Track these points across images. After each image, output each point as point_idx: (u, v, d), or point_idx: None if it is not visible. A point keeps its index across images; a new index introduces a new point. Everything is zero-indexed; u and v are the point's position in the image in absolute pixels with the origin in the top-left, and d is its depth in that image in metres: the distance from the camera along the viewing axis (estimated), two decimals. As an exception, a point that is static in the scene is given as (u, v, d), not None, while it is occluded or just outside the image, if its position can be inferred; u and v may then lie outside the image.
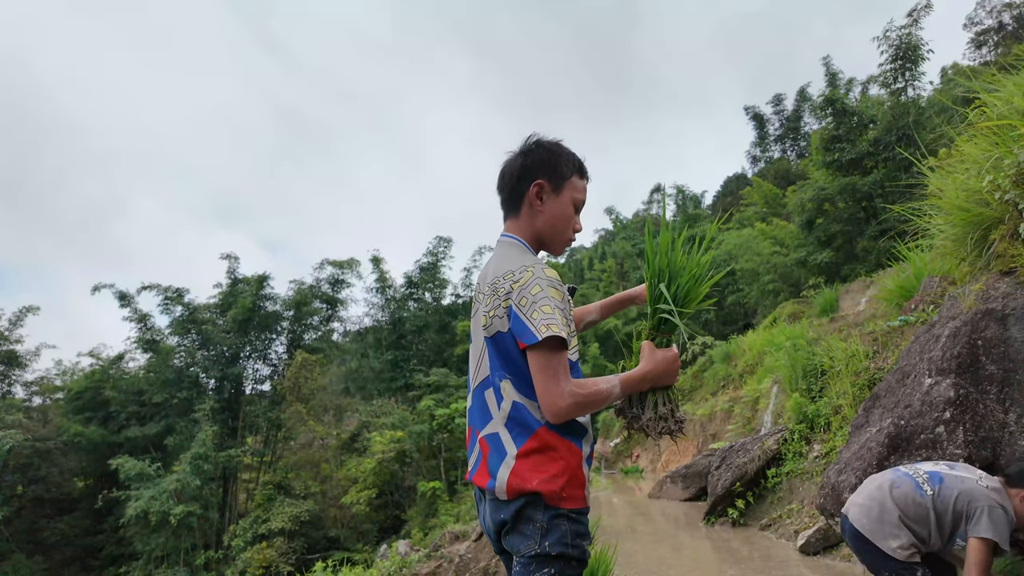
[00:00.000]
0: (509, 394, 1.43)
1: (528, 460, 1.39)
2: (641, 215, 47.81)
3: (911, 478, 2.52)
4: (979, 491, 2.41)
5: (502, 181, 1.62)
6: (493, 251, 1.63)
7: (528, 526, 1.36)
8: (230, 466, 22.27)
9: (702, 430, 11.11)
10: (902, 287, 7.12)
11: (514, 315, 1.40)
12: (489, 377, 1.48)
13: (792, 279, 19.68)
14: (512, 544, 1.40)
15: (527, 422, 1.42)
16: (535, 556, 1.34)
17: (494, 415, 1.46)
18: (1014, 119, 3.48)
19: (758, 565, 4.64)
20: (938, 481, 2.48)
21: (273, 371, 26.58)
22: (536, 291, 1.39)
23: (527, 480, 1.37)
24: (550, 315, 1.36)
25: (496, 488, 1.41)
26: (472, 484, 1.58)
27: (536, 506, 1.37)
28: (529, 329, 1.36)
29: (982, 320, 3.10)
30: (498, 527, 1.45)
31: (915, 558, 2.43)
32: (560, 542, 1.35)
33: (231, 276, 26.06)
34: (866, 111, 17.99)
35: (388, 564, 7.75)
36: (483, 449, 1.48)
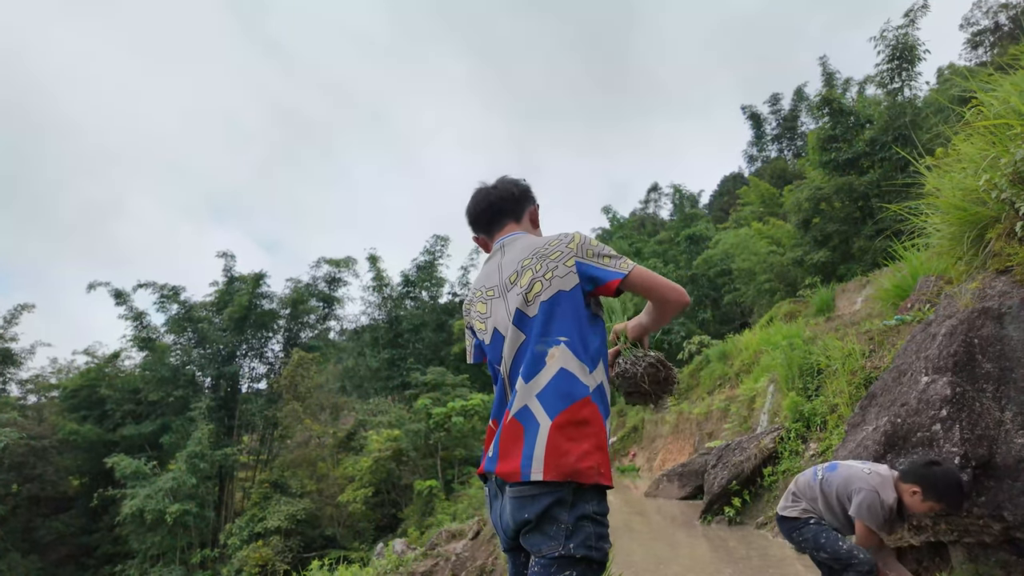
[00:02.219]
0: (558, 361, 1.44)
1: (564, 431, 1.39)
2: (638, 214, 47.83)
3: (814, 468, 2.99)
4: (860, 478, 2.71)
5: (507, 195, 1.79)
6: (503, 248, 1.72)
7: (552, 527, 1.36)
8: (226, 464, 22.23)
9: (698, 429, 11.12)
10: (898, 287, 7.14)
11: (587, 266, 1.54)
12: (527, 358, 1.47)
13: (789, 278, 19.73)
14: (533, 543, 1.39)
15: (572, 391, 1.42)
16: (559, 558, 1.34)
17: (520, 390, 1.46)
18: (1011, 118, 3.49)
19: (755, 564, 4.64)
20: (830, 469, 2.88)
21: (269, 369, 26.55)
22: (595, 243, 1.59)
23: (566, 454, 1.37)
24: (620, 256, 1.57)
25: (532, 470, 1.37)
26: (492, 476, 1.49)
27: (563, 505, 1.36)
28: (610, 270, 1.53)
29: (978, 318, 3.10)
30: (519, 526, 1.41)
31: (809, 515, 2.88)
32: (584, 544, 1.35)
33: (227, 274, 26.01)
34: (863, 111, 18.04)
35: (384, 563, 7.74)
36: (512, 429, 1.44)
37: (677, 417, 12.86)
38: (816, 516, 2.89)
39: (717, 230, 30.55)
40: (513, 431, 1.44)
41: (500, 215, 1.78)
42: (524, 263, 1.57)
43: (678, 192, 37.33)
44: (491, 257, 1.73)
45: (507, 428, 1.45)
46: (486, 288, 1.67)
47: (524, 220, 1.80)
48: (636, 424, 16.30)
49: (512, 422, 1.44)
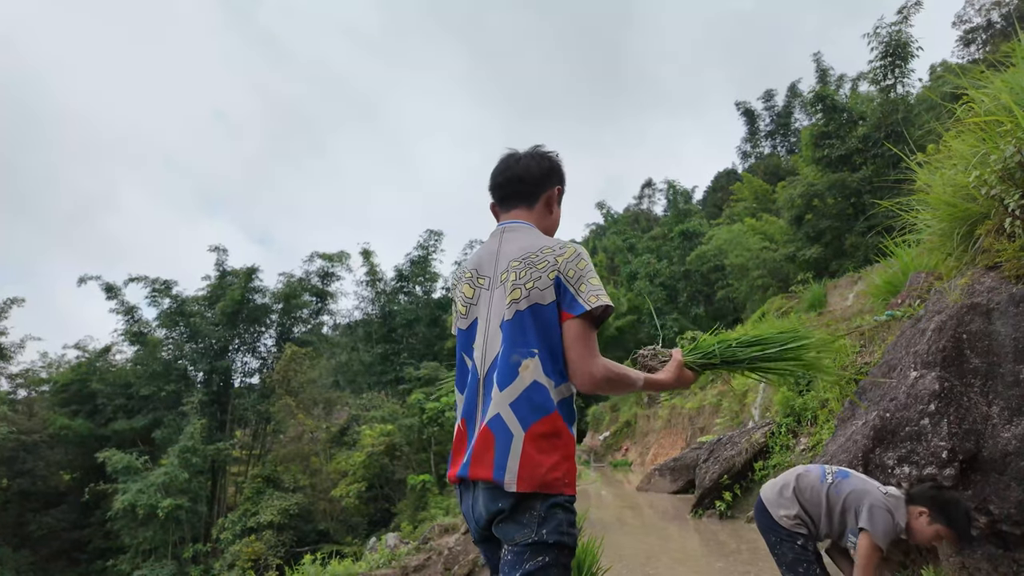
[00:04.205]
0: (531, 373, 1.44)
1: (536, 443, 1.41)
2: (633, 210, 47.89)
3: (822, 468, 2.82)
4: (872, 493, 2.63)
5: (523, 175, 1.68)
6: (503, 235, 1.66)
7: (525, 515, 1.39)
8: (219, 459, 22.19)
9: (690, 424, 11.18)
10: (889, 283, 7.18)
11: (562, 286, 1.47)
12: (501, 364, 1.47)
13: (781, 274, 19.81)
14: (506, 532, 1.41)
15: (544, 403, 1.43)
16: (531, 544, 1.37)
17: (494, 398, 1.46)
18: (1001, 115, 3.51)
19: (746, 558, 4.67)
20: (842, 476, 2.75)
21: (262, 364, 26.49)
22: (583, 265, 1.49)
23: (538, 466, 1.39)
24: (598, 287, 1.46)
25: (506, 480, 1.39)
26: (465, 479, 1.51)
27: (535, 496, 1.39)
28: (578, 301, 1.44)
29: (967, 314, 3.12)
30: (492, 516, 1.44)
31: (799, 529, 2.72)
32: (556, 530, 1.38)
33: (220, 268, 25.91)
34: (856, 108, 18.11)
35: (377, 556, 7.75)
36: (486, 438, 1.45)
37: (669, 412, 12.92)
38: (805, 531, 2.76)
39: (710, 226, 30.66)
40: (486, 440, 1.45)
41: (512, 196, 1.71)
42: (513, 264, 1.55)
43: (672, 188, 37.42)
44: (490, 240, 1.70)
45: (480, 436, 1.47)
46: (477, 274, 1.63)
47: (537, 205, 1.70)
48: (629, 419, 16.37)
49: (485, 430, 1.46)
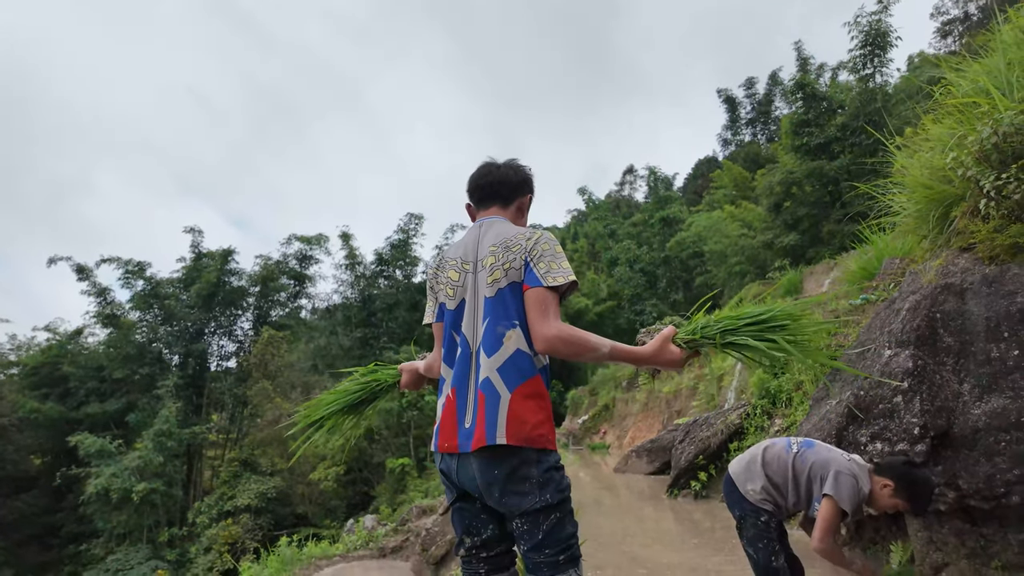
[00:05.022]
0: (513, 342, 1.61)
1: (522, 403, 1.57)
2: (614, 196, 48.00)
3: (787, 440, 2.88)
4: (838, 460, 2.70)
5: (503, 180, 1.90)
6: (482, 227, 1.84)
7: (524, 484, 1.54)
8: (194, 443, 21.94)
9: (668, 407, 11.29)
10: (864, 268, 7.27)
11: (528, 265, 1.66)
12: (487, 335, 1.64)
13: (759, 261, 20.02)
14: (510, 504, 1.56)
15: (527, 369, 1.60)
16: (541, 509, 1.54)
17: (483, 364, 1.61)
18: (979, 98, 3.53)
19: (720, 536, 4.73)
20: (807, 446, 2.82)
21: (239, 348, 26.16)
22: (547, 247, 1.68)
23: (524, 423, 1.55)
24: (559, 266, 1.64)
25: (496, 436, 1.53)
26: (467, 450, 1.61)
27: (528, 463, 1.55)
28: (536, 276, 1.63)
29: (941, 294, 3.16)
30: (487, 483, 1.57)
31: (765, 505, 2.77)
32: (557, 490, 1.57)
33: (195, 250, 25.43)
34: (835, 96, 18.26)
35: (355, 538, 7.72)
36: (480, 403, 1.59)
37: (647, 396, 13.04)
38: (771, 506, 2.80)
39: (690, 213, 30.85)
40: (481, 404, 1.60)
41: (490, 197, 1.91)
42: (492, 249, 1.72)
43: (653, 174, 37.48)
44: (469, 232, 1.87)
45: (479, 404, 1.60)
46: (462, 260, 1.78)
47: (511, 207, 1.92)
48: (607, 403, 16.51)
49: (479, 394, 1.61)
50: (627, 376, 16.72)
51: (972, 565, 2.99)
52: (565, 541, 1.57)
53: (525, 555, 1.59)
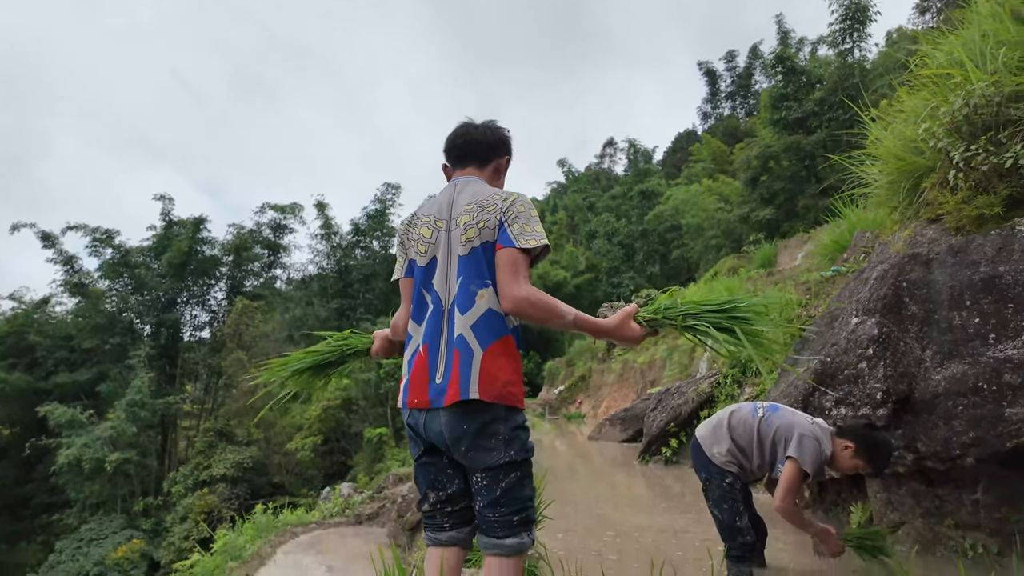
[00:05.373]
0: (486, 301, 1.60)
1: (494, 360, 1.57)
2: (594, 169, 47.85)
3: (753, 404, 2.95)
4: (802, 423, 2.76)
5: (480, 139, 1.88)
6: (457, 186, 1.82)
7: (491, 440, 1.56)
8: (168, 413, 21.73)
9: (641, 377, 11.46)
10: (836, 242, 7.38)
11: (503, 225, 1.64)
12: (460, 293, 1.63)
13: (735, 235, 20.24)
14: (476, 459, 1.57)
15: (499, 327, 1.60)
16: (503, 465, 1.56)
17: (456, 321, 1.61)
18: (954, 69, 3.55)
19: (689, 500, 4.85)
20: (772, 410, 2.88)
21: (213, 318, 25.78)
22: (522, 209, 1.67)
23: (495, 380, 1.55)
24: (533, 229, 1.63)
25: (469, 390, 1.53)
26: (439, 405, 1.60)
27: (497, 420, 1.56)
28: (509, 236, 1.61)
29: (908, 264, 3.21)
30: (456, 438, 1.57)
31: (730, 467, 2.85)
32: (522, 448, 1.60)
33: (165, 218, 24.81)
34: (814, 71, 18.32)
35: (331, 506, 7.76)
36: (453, 356, 1.58)
37: (622, 366, 13.21)
38: (736, 468, 2.86)
39: (669, 186, 30.93)
40: (455, 359, 1.59)
41: (467, 156, 1.89)
42: (467, 208, 1.70)
43: (633, 147, 37.40)
44: (444, 191, 1.85)
45: (455, 359, 1.60)
46: (436, 218, 1.76)
47: (488, 168, 1.90)
48: (583, 374, 16.70)
49: (453, 351, 1.60)
50: (603, 348, 16.91)
51: (927, 524, 3.11)
52: (522, 502, 1.59)
53: (480, 512, 1.60)
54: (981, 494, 2.91)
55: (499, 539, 1.56)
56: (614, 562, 3.23)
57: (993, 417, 2.64)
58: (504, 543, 1.55)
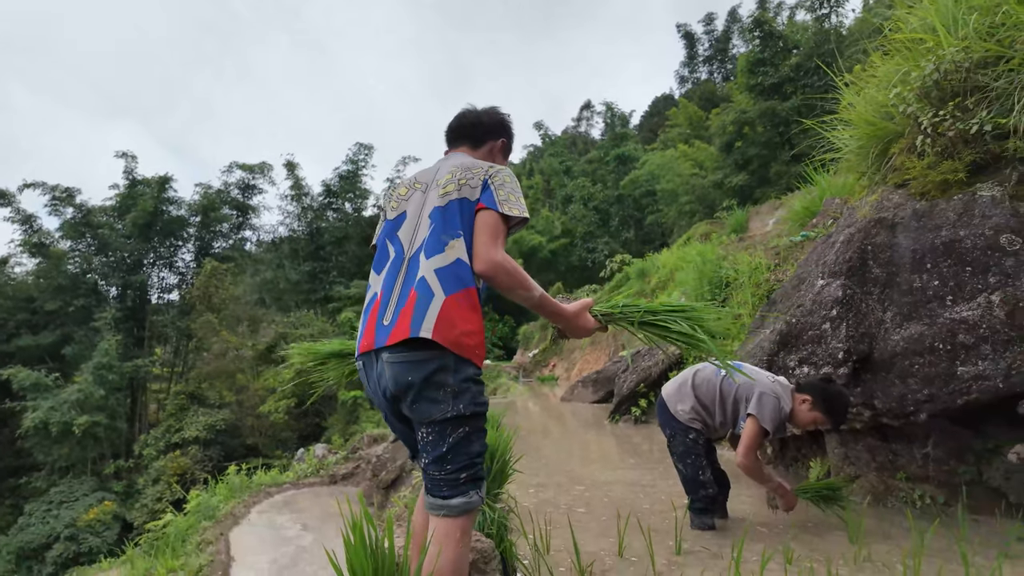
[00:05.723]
0: (456, 251, 1.56)
1: (456, 308, 1.51)
2: (571, 132, 47.43)
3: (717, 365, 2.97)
4: (762, 382, 2.84)
5: (475, 121, 1.92)
6: (445, 158, 1.87)
7: (439, 392, 1.47)
8: (138, 376, 21.44)
9: (614, 340, 11.62)
10: (807, 208, 7.49)
11: (487, 188, 1.64)
12: (429, 239, 1.60)
13: (708, 201, 20.38)
14: (421, 411, 1.49)
15: (464, 277, 1.54)
16: (450, 419, 1.48)
17: (421, 264, 1.57)
18: (926, 35, 3.57)
19: (656, 456, 4.99)
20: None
21: (181, 280, 25.28)
22: (510, 180, 1.68)
23: (454, 326, 1.49)
24: (518, 200, 1.64)
25: (422, 328, 1.46)
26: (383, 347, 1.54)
27: (447, 369, 1.48)
28: (495, 200, 1.61)
29: (874, 228, 3.28)
30: (401, 389, 1.50)
31: (694, 424, 2.96)
32: (472, 402, 1.51)
33: (129, 177, 23.99)
34: (791, 36, 18.26)
35: (305, 466, 7.80)
36: (411, 299, 1.52)
37: (596, 330, 13.38)
38: (700, 425, 2.96)
39: (645, 151, 30.88)
40: (411, 302, 1.54)
41: (461, 136, 1.92)
42: (452, 170, 1.71)
43: (610, 111, 37.14)
44: (434, 163, 1.87)
45: (409, 299, 1.54)
46: (416, 180, 1.78)
47: (481, 149, 1.91)
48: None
49: (412, 292, 1.55)
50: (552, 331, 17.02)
51: (880, 477, 3.26)
52: (470, 458, 1.51)
53: (426, 469, 1.52)
54: (931, 448, 3.06)
55: (445, 499, 1.48)
56: (583, 514, 3.33)
57: (946, 375, 2.75)
58: (450, 503, 1.48)
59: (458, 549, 1.46)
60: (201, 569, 4.26)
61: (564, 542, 2.62)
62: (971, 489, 2.92)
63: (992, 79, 3.09)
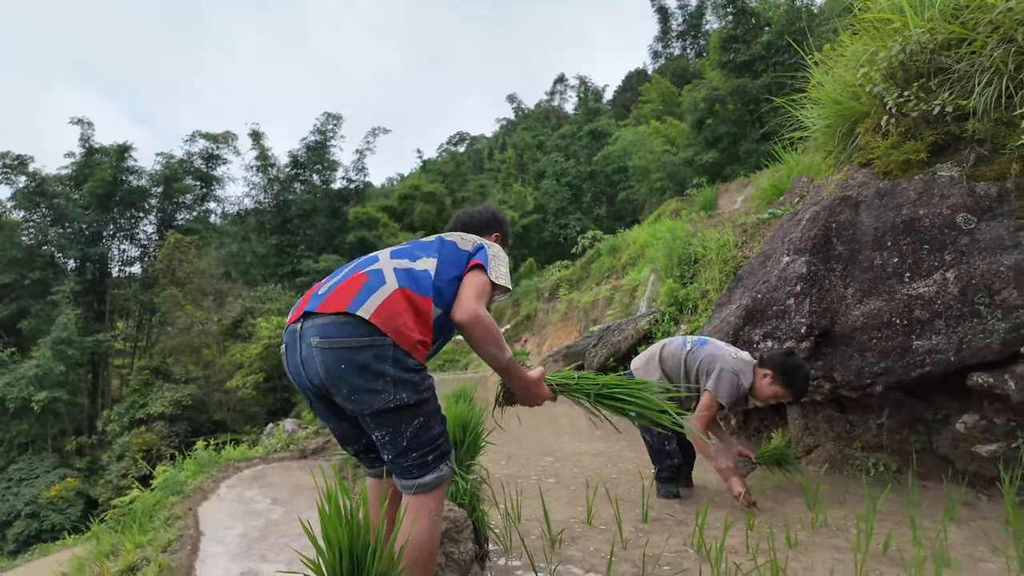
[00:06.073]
0: (424, 264, 1.57)
1: (406, 302, 1.46)
2: (544, 106, 47.03)
3: (683, 338, 3.12)
4: (724, 358, 2.91)
5: (468, 221, 2.02)
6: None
7: (378, 381, 1.40)
8: (99, 351, 20.92)
9: (585, 315, 11.75)
10: (775, 186, 7.61)
11: (482, 251, 1.68)
12: (401, 248, 1.65)
13: (679, 178, 20.52)
14: (361, 403, 1.41)
15: (424, 286, 1.52)
16: (395, 409, 1.41)
17: (382, 258, 1.57)
18: (894, 15, 3.62)
19: (623, 426, 5.05)
20: (700, 344, 3.03)
21: (143, 252, 24.60)
22: (500, 253, 1.72)
23: (398, 316, 1.43)
24: (504, 272, 1.66)
25: (360, 310, 1.41)
26: (312, 314, 1.47)
27: (384, 358, 1.40)
28: (489, 266, 1.62)
29: (838, 206, 3.36)
30: (332, 379, 1.42)
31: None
32: (416, 391, 1.44)
33: (86, 145, 23.09)
34: (764, 12, 18.31)
35: (275, 441, 7.73)
36: (357, 279, 1.49)
37: (567, 306, 13.49)
38: (665, 396, 3.04)
39: (618, 127, 30.84)
40: (356, 280, 1.49)
41: (458, 230, 1.96)
42: (450, 233, 1.80)
43: (584, 85, 36.93)
44: None
45: (352, 277, 1.51)
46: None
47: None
48: (529, 313, 16.96)
49: (360, 274, 1.52)
50: (549, 288, 17.16)
51: (837, 446, 3.39)
52: (433, 441, 1.48)
53: (391, 463, 1.49)
54: (886, 419, 3.19)
55: (416, 478, 1.47)
56: (553, 484, 3.40)
57: (902, 349, 2.86)
58: (422, 481, 1.47)
59: (431, 517, 1.48)
60: (170, 544, 4.23)
61: (535, 511, 2.68)
62: (921, 457, 3.06)
63: (955, 61, 3.16)
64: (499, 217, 2.10)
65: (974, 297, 2.73)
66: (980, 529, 2.46)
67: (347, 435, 1.63)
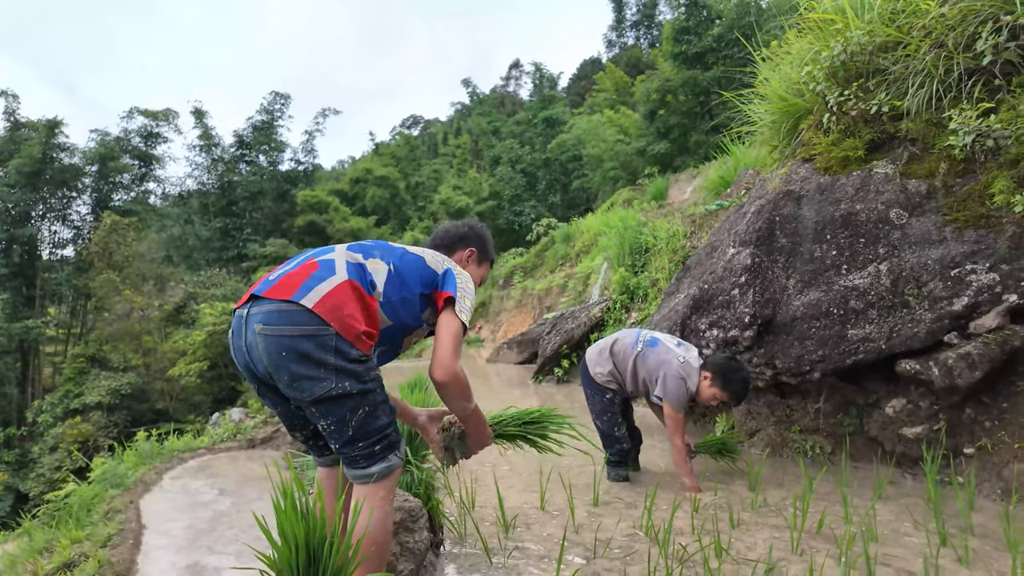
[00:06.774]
0: (383, 266, 1.57)
1: (352, 294, 1.46)
2: (499, 91, 46.77)
3: (636, 334, 3.19)
4: (670, 363, 3.00)
5: (443, 233, 2.04)
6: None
7: (319, 369, 1.40)
8: (28, 338, 19.81)
9: (539, 303, 11.84)
10: (723, 178, 7.83)
11: (452, 278, 1.65)
12: (367, 246, 1.63)
13: (631, 167, 20.80)
14: (302, 390, 1.41)
15: (371, 287, 1.52)
16: (337, 397, 1.41)
17: (338, 250, 1.56)
18: (837, 16, 3.76)
19: (577, 412, 5.14)
20: (651, 345, 3.10)
21: (77, 234, 23.37)
22: (468, 282, 1.69)
23: (342, 307, 1.42)
24: (468, 308, 1.63)
25: (304, 299, 1.40)
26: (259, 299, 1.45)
27: (326, 348, 1.40)
28: (456, 295, 1.60)
29: (782, 200, 3.50)
30: (274, 366, 1.41)
31: (610, 385, 3.18)
32: (359, 381, 1.44)
33: (10, 119, 21.67)
34: (715, 5, 18.65)
35: (221, 431, 7.52)
36: (308, 268, 1.49)
37: (521, 293, 13.55)
38: (615, 386, 3.15)
39: (573, 115, 30.97)
40: (307, 269, 1.49)
41: (436, 246, 1.99)
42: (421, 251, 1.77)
43: (539, 71, 36.79)
44: None
45: (304, 266, 1.51)
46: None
47: (454, 256, 1.98)
48: (484, 300, 16.95)
49: (311, 262, 1.51)
50: (504, 275, 17.18)
51: (777, 430, 3.55)
52: (380, 431, 1.48)
53: (339, 451, 1.50)
54: (822, 403, 3.36)
55: (364, 469, 1.48)
56: (507, 471, 3.44)
57: (838, 337, 3.02)
58: (370, 471, 1.48)
59: (383, 508, 1.50)
60: (110, 539, 4.08)
61: (489, 498, 2.72)
62: (853, 439, 3.24)
63: (891, 63, 3.32)
64: (477, 231, 2.07)
65: (904, 288, 2.89)
66: (905, 506, 2.63)
67: (295, 422, 1.62)
